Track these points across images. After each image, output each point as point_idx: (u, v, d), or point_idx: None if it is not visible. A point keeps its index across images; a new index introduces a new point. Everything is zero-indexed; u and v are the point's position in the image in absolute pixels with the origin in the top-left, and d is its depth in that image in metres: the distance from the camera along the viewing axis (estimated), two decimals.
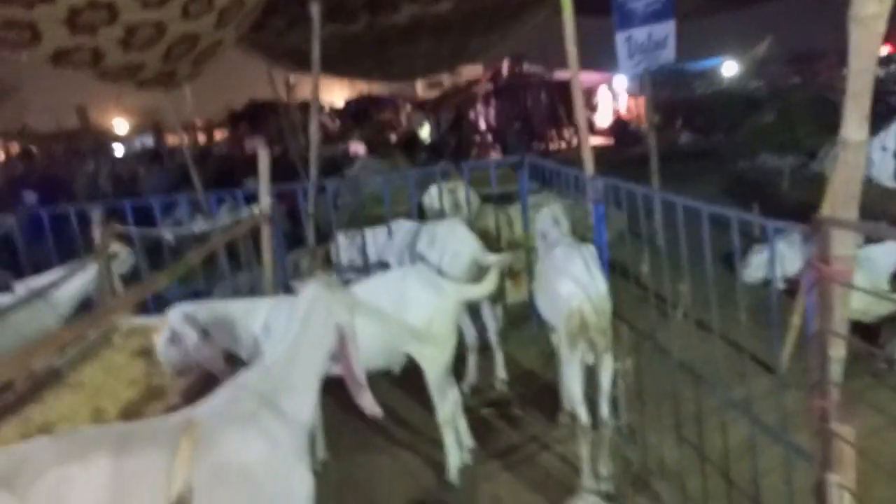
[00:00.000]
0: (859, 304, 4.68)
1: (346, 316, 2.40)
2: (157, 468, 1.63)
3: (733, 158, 12.38)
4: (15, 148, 24.40)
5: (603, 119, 22.84)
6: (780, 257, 5.18)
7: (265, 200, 3.92)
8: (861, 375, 4.08)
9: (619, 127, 20.20)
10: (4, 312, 3.59)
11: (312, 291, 2.38)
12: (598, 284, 3.27)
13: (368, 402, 2.45)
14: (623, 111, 22.88)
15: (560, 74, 19.18)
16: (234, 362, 3.21)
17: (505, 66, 21.11)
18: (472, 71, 24.68)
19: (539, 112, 20.19)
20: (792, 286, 4.51)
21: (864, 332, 4.69)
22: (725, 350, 3.08)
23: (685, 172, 10.91)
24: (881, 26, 1.75)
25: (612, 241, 4.51)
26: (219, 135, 24.58)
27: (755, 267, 5.44)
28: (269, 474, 1.96)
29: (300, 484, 2.06)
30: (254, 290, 4.86)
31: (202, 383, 2.92)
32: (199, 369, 3.10)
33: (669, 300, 3.35)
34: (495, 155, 16.88)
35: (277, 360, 2.25)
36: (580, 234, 4.06)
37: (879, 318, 4.74)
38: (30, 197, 10.08)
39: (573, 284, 3.22)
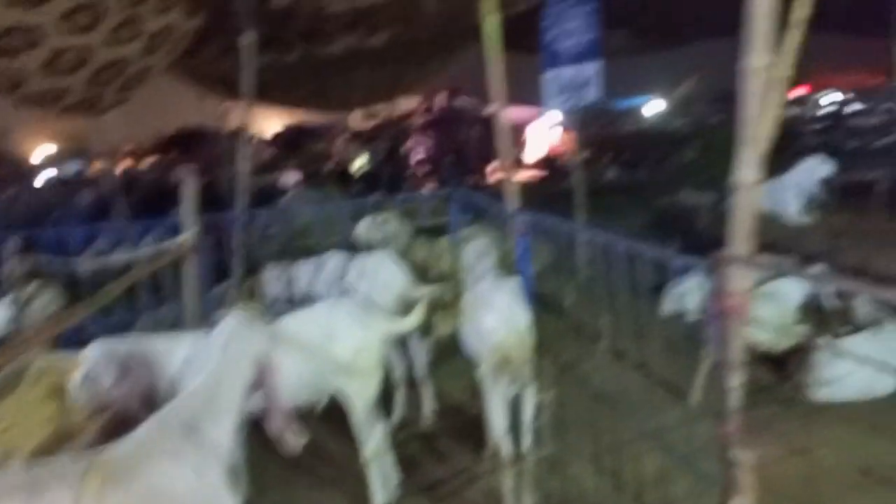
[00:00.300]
0: (768, 335, 4.94)
1: (265, 347, 2.42)
2: None
3: (657, 194, 12.87)
4: None
5: (533, 154, 23.39)
6: (699, 290, 5.43)
7: (190, 230, 3.87)
8: (769, 404, 4.28)
9: (550, 162, 20.71)
10: None
11: (231, 323, 2.38)
12: (521, 318, 3.36)
13: (290, 437, 2.45)
14: (554, 146, 23.48)
15: (490, 109, 19.54)
16: (154, 399, 3.13)
17: (440, 99, 21.41)
18: (408, 103, 24.95)
19: (473, 145, 20.52)
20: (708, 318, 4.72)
21: (774, 362, 4.95)
22: (644, 381, 3.21)
23: (612, 207, 11.26)
24: (773, 75, 1.91)
25: (539, 275, 4.64)
26: (148, 162, 23.94)
27: (672, 300, 5.67)
28: (196, 502, 1.96)
29: None
30: (177, 324, 4.76)
31: (119, 422, 2.84)
32: (117, 408, 3.01)
33: (591, 333, 3.47)
34: (430, 187, 17.05)
35: (199, 390, 2.25)
36: (507, 267, 4.16)
37: (787, 349, 5.01)
38: None
39: (496, 318, 3.29)
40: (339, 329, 3.46)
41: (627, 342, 2.93)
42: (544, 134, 24.21)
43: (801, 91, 21.02)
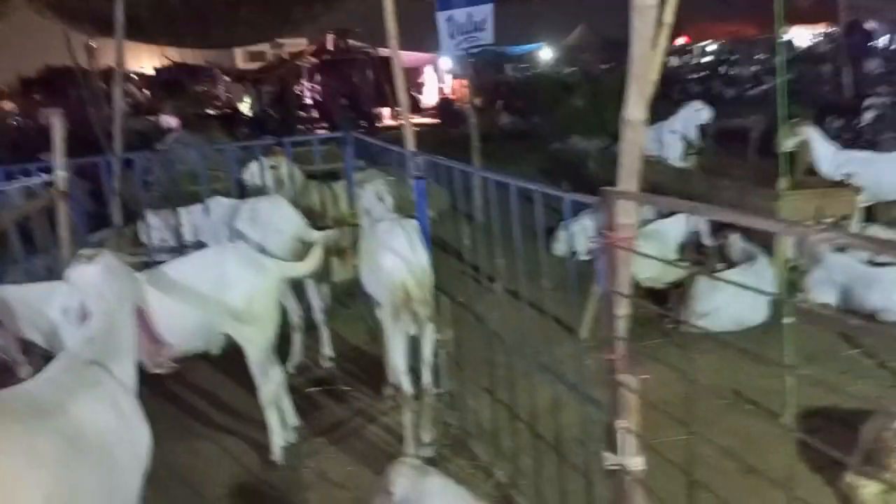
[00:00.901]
0: (651, 273, 5.22)
1: (135, 288, 2.50)
2: None
3: (548, 140, 13.16)
4: None
5: (428, 99, 23.26)
6: (586, 230, 5.64)
7: (60, 175, 3.58)
8: (652, 336, 4.55)
9: (444, 107, 20.66)
10: None
11: (99, 265, 2.34)
12: (420, 258, 3.36)
13: (164, 360, 2.50)
14: (448, 92, 23.42)
15: (386, 52, 19.19)
16: (30, 350, 2.94)
17: (329, 41, 20.74)
18: (295, 44, 24.00)
19: (365, 89, 20.10)
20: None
21: (656, 297, 5.25)
22: (538, 318, 3.30)
23: (505, 152, 11.45)
24: (657, 15, 1.95)
25: (436, 218, 4.65)
26: (9, 104, 21.89)
27: (562, 240, 5.87)
28: (118, 436, 1.98)
29: (142, 442, 2.14)
30: (51, 274, 4.45)
31: None
32: None
33: (486, 273, 3.52)
34: (321, 131, 16.61)
35: (96, 332, 2.24)
36: (405, 210, 4.14)
37: (668, 285, 5.32)
38: None
39: (396, 259, 3.28)
40: (230, 274, 3.34)
41: (522, 282, 3.00)
42: (438, 79, 24.11)
43: (681, 41, 21.91)
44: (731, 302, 4.76)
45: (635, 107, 1.92)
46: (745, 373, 4.11)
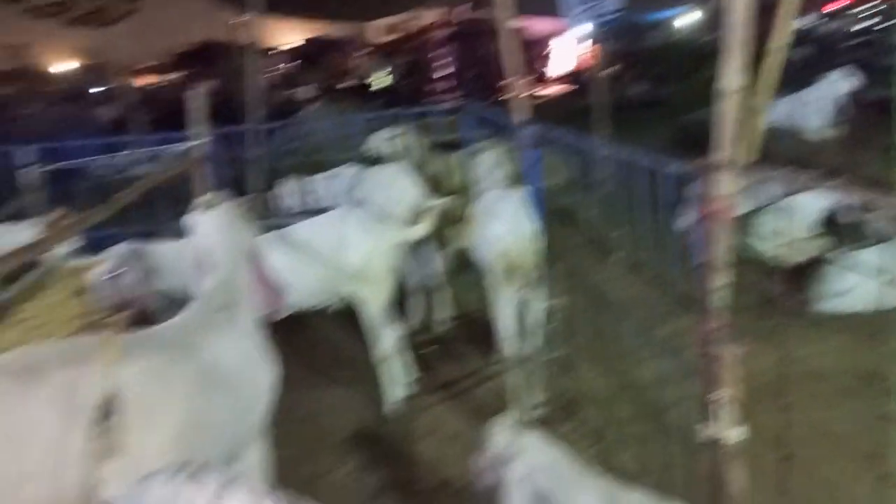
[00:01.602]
0: (778, 250, 4.97)
1: (251, 238, 2.62)
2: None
3: (681, 110, 12.60)
4: None
5: (557, 68, 22.84)
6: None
7: (199, 142, 3.93)
8: (775, 316, 4.35)
9: (574, 77, 20.24)
10: None
11: (219, 218, 2.50)
12: (525, 227, 3.42)
13: (280, 308, 2.71)
14: (578, 61, 22.88)
15: (517, 23, 18.98)
16: (171, 300, 3.30)
17: (462, 11, 20.85)
18: (430, 16, 24.30)
19: (494, 60, 20.05)
20: None
21: (787, 275, 4.99)
22: (656, 292, 3.28)
23: (634, 123, 11.09)
24: None
25: (556, 190, 4.67)
26: (166, 78, 23.86)
27: (687, 216, 5.67)
28: (243, 374, 2.15)
29: (267, 378, 2.28)
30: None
31: (139, 319, 3.00)
32: (137, 307, 3.17)
33: (607, 247, 3.51)
34: (452, 102, 16.82)
35: (222, 279, 2.40)
36: (519, 180, 4.19)
37: (801, 263, 5.03)
38: None
39: (500, 227, 3.36)
40: (350, 236, 3.57)
41: (643, 255, 2.99)
42: (569, 48, 23.57)
43: (838, 4, 20.09)
44: (865, 281, 4.44)
45: (730, 76, 1.88)
46: (872, 356, 3.85)
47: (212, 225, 2.44)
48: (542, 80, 22.50)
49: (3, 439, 1.46)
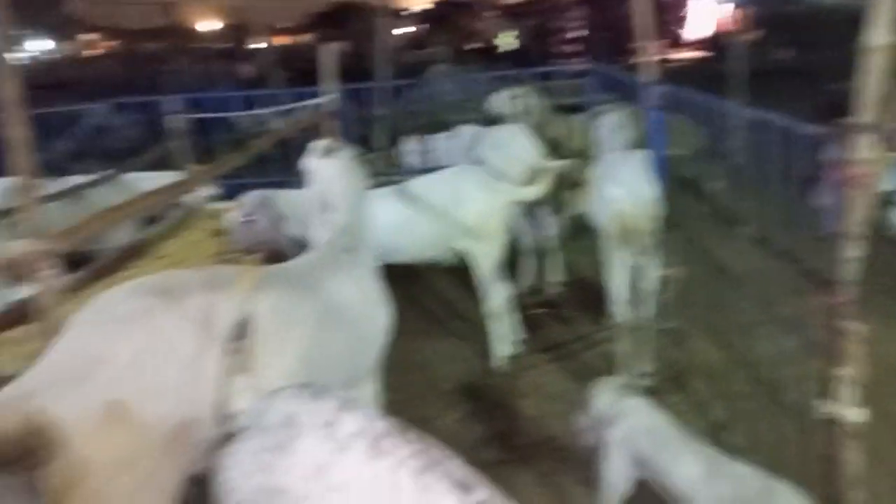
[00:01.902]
0: None
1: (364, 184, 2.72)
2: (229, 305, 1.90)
3: (828, 80, 11.65)
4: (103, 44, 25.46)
5: (694, 31, 21.67)
6: None
7: (330, 98, 4.09)
8: None
9: (713, 40, 19.14)
10: (81, 192, 3.97)
11: (338, 164, 2.59)
12: (644, 191, 3.34)
13: None
14: (718, 24, 21.59)
15: None
16: (299, 243, 3.50)
17: None
18: None
19: (627, 21, 19.29)
20: None
21: None
22: (785, 269, 3.11)
23: (777, 92, 10.38)
24: None
25: (683, 156, 4.51)
26: (304, 37, 24.82)
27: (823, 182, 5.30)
28: (362, 312, 2.28)
29: (384, 320, 2.41)
30: None
31: (270, 261, 3.22)
32: (268, 248, 3.41)
33: (734, 218, 3.38)
34: (578, 64, 16.42)
35: (344, 222, 2.54)
36: (643, 144, 4.08)
37: None
38: None
39: (618, 189, 3.31)
40: (465, 193, 3.63)
41: (770, 228, 2.85)
42: (708, 10, 22.27)
43: None
44: None
45: (878, 31, 1.74)
46: None
47: (333, 170, 2.55)
48: (676, 43, 21.46)
49: (147, 351, 1.64)
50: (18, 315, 2.79)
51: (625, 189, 3.30)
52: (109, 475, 1.57)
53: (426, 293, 5.03)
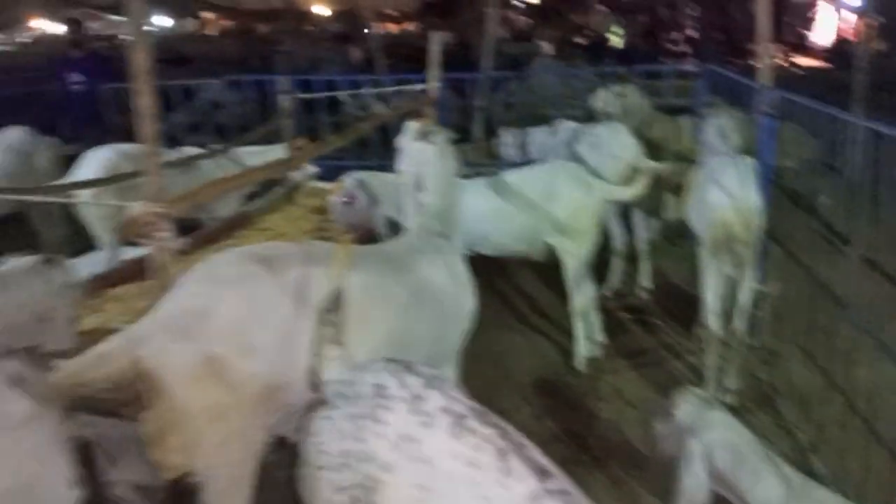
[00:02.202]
0: None
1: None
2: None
3: None
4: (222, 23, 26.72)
5: (820, 37, 20.51)
6: None
7: (432, 85, 4.15)
8: None
9: (838, 48, 18.06)
10: (194, 162, 4.19)
11: (435, 148, 2.63)
12: (749, 198, 3.22)
13: None
14: (840, 31, 20.35)
15: None
16: (394, 227, 3.60)
17: None
18: None
19: (744, 22, 18.47)
20: None
21: None
22: (892, 291, 2.92)
23: None
24: None
25: (795, 167, 4.30)
26: (408, 25, 25.19)
27: None
28: (449, 296, 2.33)
29: (469, 307, 2.45)
30: None
31: (365, 241, 3.33)
32: (364, 228, 3.52)
33: (843, 237, 3.20)
34: (689, 64, 15.88)
35: (438, 206, 2.59)
36: (752, 151, 3.93)
37: None
38: None
39: (721, 194, 3.20)
40: (559, 188, 3.61)
41: (884, 252, 2.69)
42: (837, 15, 21.01)
43: None
44: None
45: None
46: None
47: (427, 153, 2.59)
48: (799, 47, 20.39)
49: (247, 312, 1.75)
50: (129, 273, 3.01)
51: (728, 196, 3.19)
52: (202, 425, 1.69)
53: (510, 286, 5.04)
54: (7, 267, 2.19)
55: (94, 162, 4.17)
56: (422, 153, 2.59)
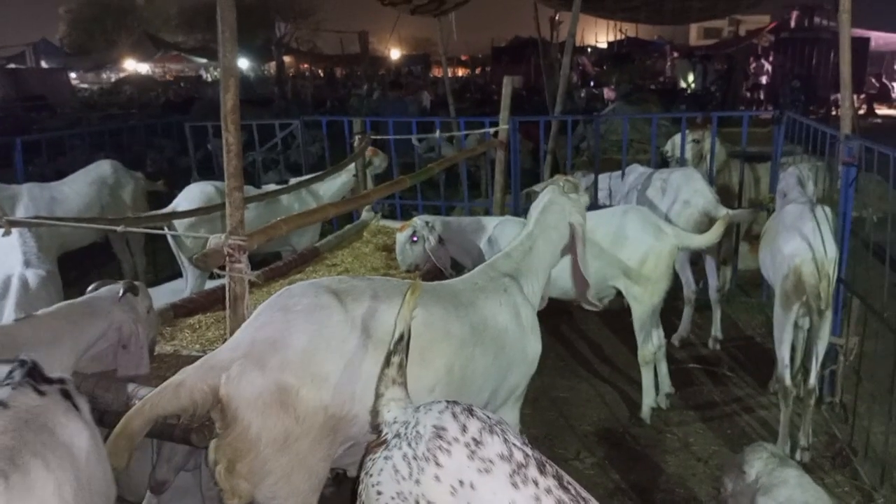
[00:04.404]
0: None
1: (578, 217, 2.70)
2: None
3: None
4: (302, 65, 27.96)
5: None
6: None
7: (503, 128, 4.21)
8: None
9: None
10: (277, 196, 4.36)
11: (549, 194, 2.69)
12: (826, 247, 3.11)
13: (591, 296, 2.78)
14: None
15: (856, 32, 16.80)
16: (459, 269, 3.63)
17: (793, 18, 19.04)
18: (754, 21, 22.65)
19: (824, 72, 18.00)
20: None
21: None
22: None
23: None
24: None
25: (877, 219, 4.15)
26: (481, 69, 25.66)
27: None
28: (512, 337, 2.33)
29: (532, 350, 2.44)
30: (486, 214, 5.28)
31: (430, 279, 3.37)
32: (429, 268, 3.57)
33: None
34: (767, 112, 15.54)
35: (518, 249, 2.61)
36: (831, 201, 3.81)
37: None
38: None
39: (796, 242, 3.11)
40: (629, 234, 3.57)
41: None
42: None
43: None
44: None
45: None
46: None
47: (541, 197, 2.69)
48: (881, 97, 19.71)
49: (318, 345, 1.80)
50: (203, 302, 3.14)
51: (805, 245, 3.09)
52: (270, 454, 1.73)
53: (575, 332, 4.98)
54: (96, 293, 2.33)
55: (194, 195, 4.42)
56: (565, 204, 2.68)
